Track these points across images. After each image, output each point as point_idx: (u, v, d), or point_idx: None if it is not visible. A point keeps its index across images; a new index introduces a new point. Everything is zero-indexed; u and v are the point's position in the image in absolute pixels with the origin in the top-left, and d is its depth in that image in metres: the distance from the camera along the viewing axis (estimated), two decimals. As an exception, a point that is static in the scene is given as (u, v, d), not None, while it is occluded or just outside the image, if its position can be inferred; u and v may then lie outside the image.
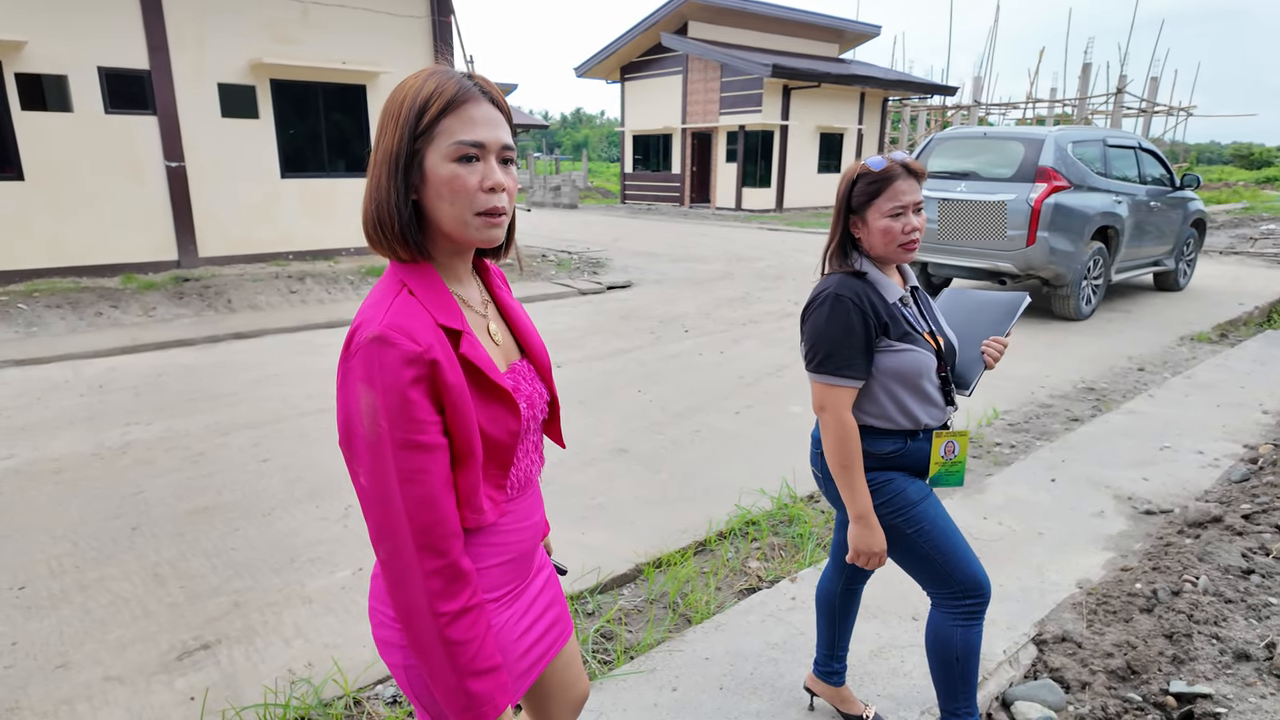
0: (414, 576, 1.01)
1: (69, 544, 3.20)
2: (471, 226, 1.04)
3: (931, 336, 1.77)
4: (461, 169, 1.01)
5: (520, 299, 9.54)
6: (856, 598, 2.08)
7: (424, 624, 1.02)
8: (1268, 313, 8.31)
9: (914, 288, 1.83)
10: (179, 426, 4.61)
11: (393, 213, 1.02)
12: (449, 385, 1.01)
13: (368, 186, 1.04)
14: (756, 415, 4.86)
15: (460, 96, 1.01)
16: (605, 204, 27.43)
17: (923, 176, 1.73)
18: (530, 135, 47.08)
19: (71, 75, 8.41)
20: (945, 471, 1.80)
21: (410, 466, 0.99)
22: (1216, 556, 2.93)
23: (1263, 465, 3.93)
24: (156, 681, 2.37)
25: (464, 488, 1.07)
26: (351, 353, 1.00)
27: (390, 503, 1.00)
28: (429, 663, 1.04)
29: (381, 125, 1.03)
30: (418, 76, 1.03)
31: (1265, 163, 45.01)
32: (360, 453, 1.01)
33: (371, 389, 0.98)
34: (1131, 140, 8.32)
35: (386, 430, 0.98)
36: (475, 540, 1.12)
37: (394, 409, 0.97)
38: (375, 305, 1.02)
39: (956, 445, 1.79)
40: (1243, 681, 2.28)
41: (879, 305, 1.69)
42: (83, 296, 7.74)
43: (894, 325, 1.69)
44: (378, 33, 10.46)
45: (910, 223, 1.68)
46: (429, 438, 1.00)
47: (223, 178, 9.56)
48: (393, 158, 1.01)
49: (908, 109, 29.89)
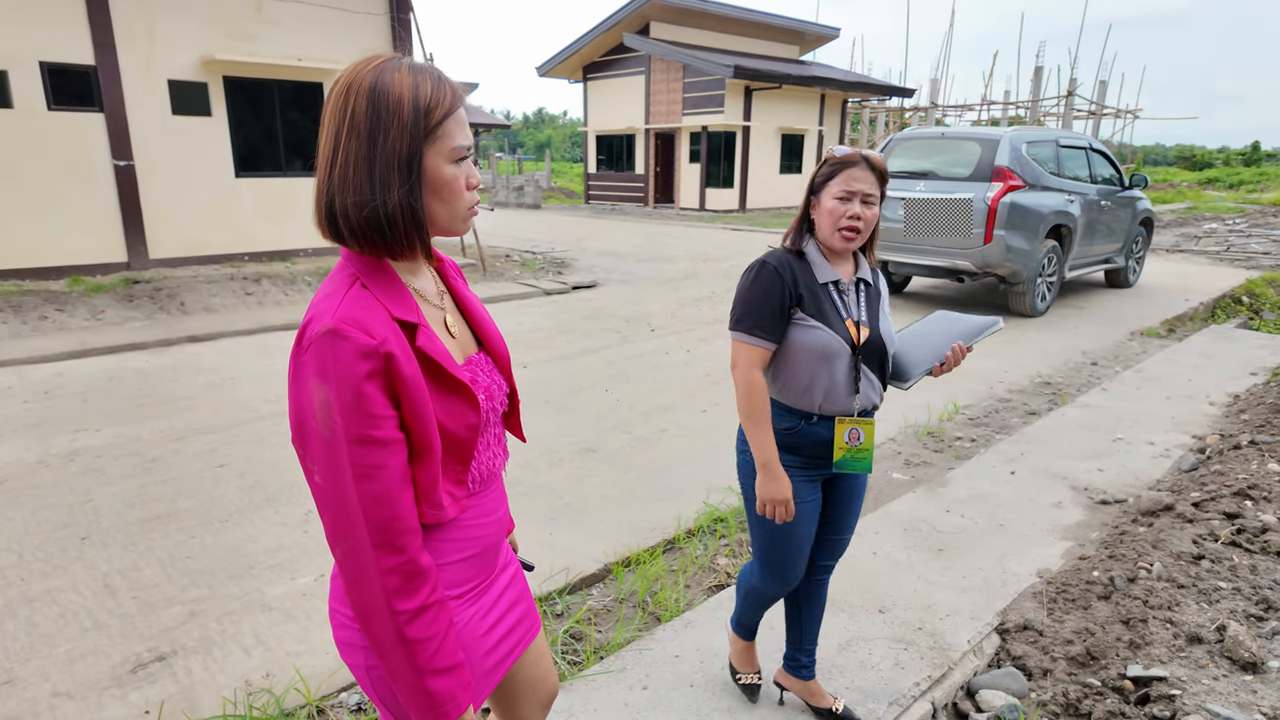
0: (371, 574, 1.00)
1: (14, 555, 3.08)
2: (461, 220, 1.09)
3: (856, 326, 1.80)
4: (459, 171, 1.05)
5: (484, 299, 9.37)
6: (822, 591, 2.09)
7: (383, 623, 1.01)
8: (1212, 308, 8.61)
9: (864, 281, 1.85)
10: (130, 432, 4.46)
11: (405, 213, 1.01)
12: (405, 379, 1.00)
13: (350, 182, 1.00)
14: (724, 413, 4.87)
15: (456, 103, 1.03)
16: (569, 204, 27.33)
17: (882, 172, 1.76)
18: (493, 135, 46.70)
19: (11, 70, 8.09)
20: (850, 457, 1.85)
21: (366, 462, 0.97)
22: (1169, 544, 3.02)
23: (1210, 455, 4.06)
24: (109, 696, 2.29)
25: (423, 483, 1.05)
26: (304, 348, 0.98)
27: (346, 500, 0.98)
28: (389, 662, 1.03)
29: (373, 122, 0.98)
30: (401, 73, 1.00)
31: (1207, 164, 46.69)
32: (315, 450, 0.99)
33: (325, 384, 0.96)
34: (1083, 141, 8.56)
35: (341, 426, 0.96)
36: (437, 536, 1.11)
37: (348, 404, 0.96)
38: (328, 299, 1.00)
39: (861, 432, 1.84)
40: (1195, 664, 2.35)
41: (802, 279, 1.77)
42: (26, 300, 7.46)
43: (810, 300, 1.76)
44: (335, 29, 10.27)
45: (853, 209, 1.73)
46: (385, 433, 0.98)
47: (174, 177, 9.28)
48: (404, 160, 0.99)
49: (867, 110, 30.35)
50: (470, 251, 11.49)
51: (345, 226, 1.02)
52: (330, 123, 1.01)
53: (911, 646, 2.45)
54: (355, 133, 0.99)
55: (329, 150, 1.01)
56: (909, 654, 2.42)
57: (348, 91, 0.99)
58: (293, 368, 1.00)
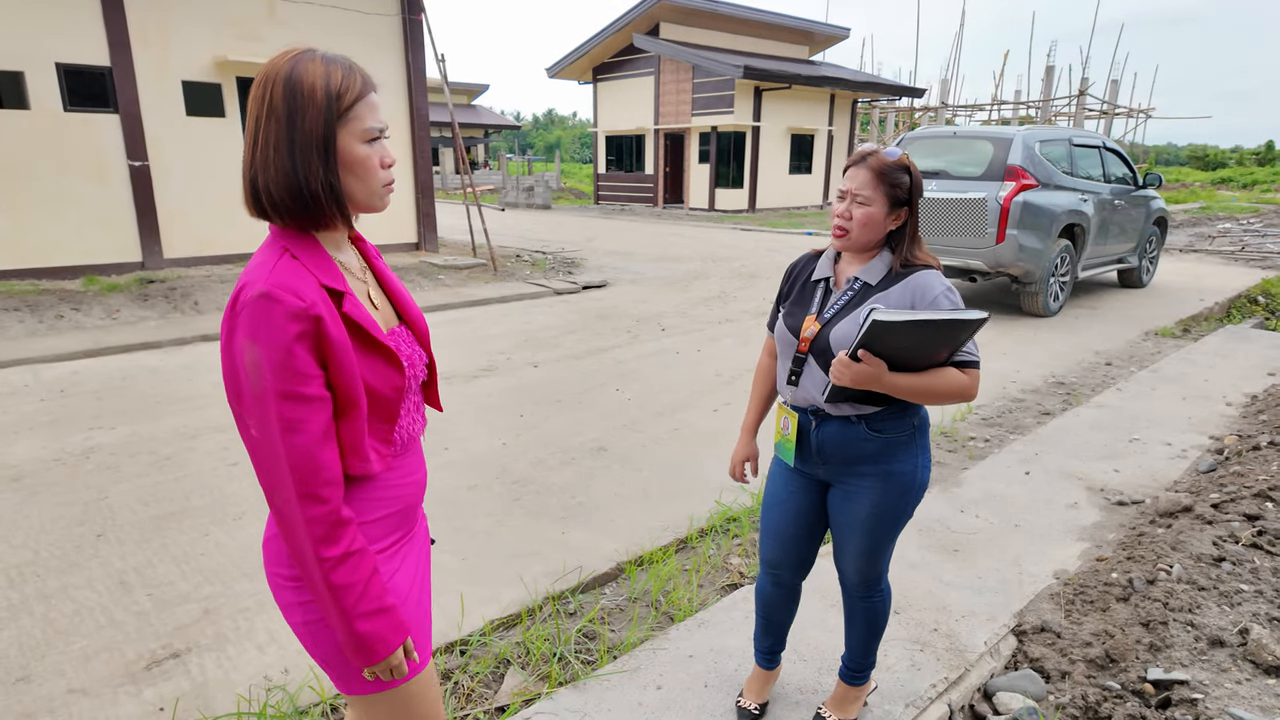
0: (299, 524, 1.08)
1: (29, 552, 3.09)
2: (377, 197, 1.18)
3: (816, 322, 1.78)
4: (372, 150, 1.14)
5: (494, 299, 9.38)
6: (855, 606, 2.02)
7: (313, 570, 1.11)
8: (1227, 308, 8.52)
9: (861, 282, 1.76)
10: (145, 430, 4.48)
11: (324, 190, 1.10)
12: (332, 340, 1.08)
13: (271, 162, 1.08)
14: (735, 413, 4.86)
15: (366, 88, 1.13)
16: (578, 204, 27.35)
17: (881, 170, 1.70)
18: (502, 136, 46.77)
19: (28, 72, 8.16)
20: (780, 443, 1.93)
21: (291, 416, 1.06)
22: (1189, 545, 2.98)
23: (1228, 456, 4.02)
24: (123, 693, 2.29)
25: (349, 437, 1.14)
26: (237, 311, 1.06)
27: (275, 453, 1.07)
28: (324, 608, 1.13)
29: (290, 107, 1.08)
30: (314, 63, 1.10)
31: (1219, 164, 46.28)
32: (248, 406, 1.07)
33: (256, 343, 1.04)
34: (1096, 140, 8.49)
35: (270, 383, 1.04)
36: (363, 494, 1.20)
37: (277, 362, 1.04)
38: (259, 266, 1.09)
39: (789, 422, 1.87)
40: (1218, 667, 2.31)
41: (802, 276, 1.91)
42: (42, 299, 7.51)
43: (794, 295, 1.90)
44: (346, 31, 10.31)
45: (840, 208, 1.76)
46: (311, 389, 1.07)
47: (188, 177, 9.34)
48: (319, 140, 1.09)
49: (876, 110, 30.24)
50: (481, 251, 11.51)
51: (268, 202, 1.10)
52: (252, 109, 1.10)
53: (927, 648, 2.43)
54: (274, 117, 1.08)
55: (251, 134, 1.10)
56: (925, 655, 2.39)
57: (266, 80, 1.09)
58: (226, 329, 1.07)
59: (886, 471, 1.78)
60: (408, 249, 11.53)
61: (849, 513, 1.85)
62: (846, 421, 1.78)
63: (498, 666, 2.42)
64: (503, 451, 4.21)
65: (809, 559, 2.02)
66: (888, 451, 1.77)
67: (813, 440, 1.83)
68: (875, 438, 1.76)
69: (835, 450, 1.80)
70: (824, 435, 1.81)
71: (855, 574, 1.93)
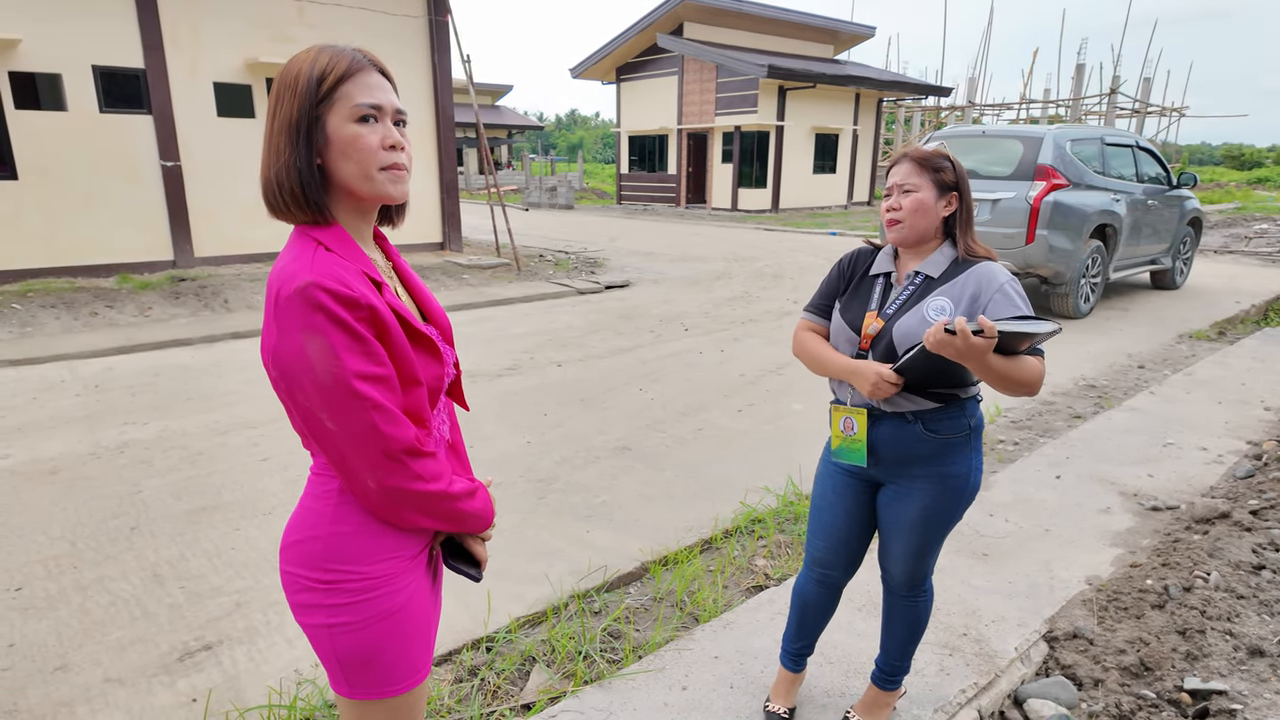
0: (409, 488, 1.09)
1: (66, 544, 3.16)
2: (376, 181, 1.10)
3: (879, 319, 1.76)
4: (362, 129, 1.08)
5: (518, 298, 9.43)
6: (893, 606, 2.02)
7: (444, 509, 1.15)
8: (1264, 310, 8.33)
9: (923, 275, 1.76)
10: (177, 426, 4.56)
11: (291, 173, 1.06)
12: (386, 323, 1.07)
13: (264, 157, 1.09)
14: (759, 413, 4.84)
15: (354, 67, 1.09)
16: (601, 205, 27.40)
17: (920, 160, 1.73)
18: (525, 136, 46.99)
19: (66, 74, 8.35)
20: (845, 447, 1.85)
21: (372, 396, 1.04)
22: (1226, 552, 2.91)
23: (1268, 462, 3.92)
24: (157, 683, 2.33)
25: (415, 409, 1.13)
26: (286, 307, 1.02)
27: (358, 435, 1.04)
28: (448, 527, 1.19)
29: (277, 97, 1.08)
30: (308, 52, 1.10)
31: (1256, 163, 45.21)
32: (317, 400, 1.04)
33: (320, 333, 1.01)
34: (1129, 139, 8.33)
35: (349, 366, 1.02)
36: None
37: (347, 345, 1.02)
38: (295, 261, 1.05)
39: (854, 422, 1.82)
40: (1257, 677, 2.26)
41: (859, 270, 1.88)
42: (78, 296, 7.68)
43: (851, 291, 1.87)
44: (374, 32, 10.42)
45: (889, 202, 1.78)
46: (385, 369, 1.06)
47: (219, 177, 9.50)
48: (293, 124, 1.07)
49: (902, 110, 29.95)
50: (505, 251, 11.57)
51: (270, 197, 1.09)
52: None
53: (957, 653, 2.40)
54: (271, 113, 1.09)
55: (265, 135, 1.11)
56: (954, 660, 2.36)
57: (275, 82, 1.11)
58: (277, 328, 1.03)
59: (942, 474, 1.77)
60: (433, 249, 11.63)
61: (900, 512, 1.84)
62: (903, 420, 1.77)
63: (523, 664, 2.43)
64: (527, 450, 4.23)
65: (858, 559, 2.00)
66: (943, 453, 1.76)
67: (866, 440, 1.82)
68: (931, 438, 1.75)
69: (890, 450, 1.79)
70: (879, 435, 1.80)
71: (902, 574, 1.92)
